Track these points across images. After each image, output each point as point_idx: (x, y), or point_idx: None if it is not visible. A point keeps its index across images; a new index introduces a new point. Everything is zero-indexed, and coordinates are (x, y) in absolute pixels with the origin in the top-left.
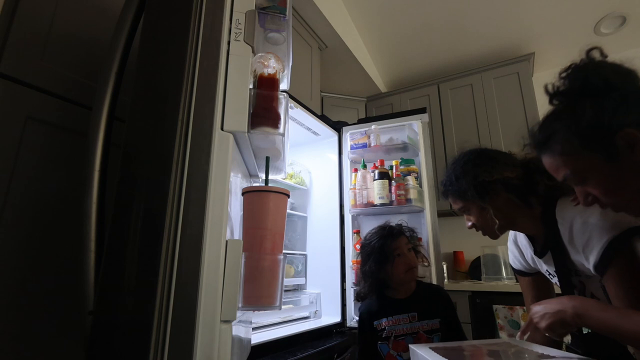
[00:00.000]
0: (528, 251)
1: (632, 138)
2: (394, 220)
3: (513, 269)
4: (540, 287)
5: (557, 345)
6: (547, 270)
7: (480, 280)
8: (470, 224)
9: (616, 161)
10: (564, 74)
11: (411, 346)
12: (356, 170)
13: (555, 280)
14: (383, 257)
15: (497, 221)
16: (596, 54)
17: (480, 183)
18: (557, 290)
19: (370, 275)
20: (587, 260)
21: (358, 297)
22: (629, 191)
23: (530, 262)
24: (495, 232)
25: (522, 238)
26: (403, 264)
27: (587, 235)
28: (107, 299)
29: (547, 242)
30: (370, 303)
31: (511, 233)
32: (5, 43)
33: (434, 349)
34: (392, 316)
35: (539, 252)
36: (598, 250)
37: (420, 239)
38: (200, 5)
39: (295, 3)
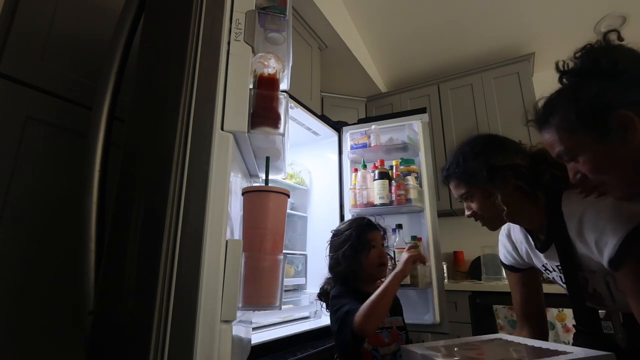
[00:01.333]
0: (523, 245)
1: (626, 120)
2: (396, 221)
3: (503, 264)
4: (530, 284)
5: (545, 339)
6: (544, 265)
7: (480, 280)
8: (470, 212)
9: (607, 141)
10: (578, 54)
11: (404, 347)
12: (356, 170)
13: (553, 275)
14: (359, 245)
15: (505, 208)
16: (613, 37)
17: (491, 167)
18: (550, 288)
19: (343, 262)
20: (601, 254)
21: (323, 293)
22: (615, 171)
23: (524, 256)
24: (496, 222)
25: (517, 232)
26: (377, 257)
27: (599, 229)
28: (107, 299)
29: (550, 235)
30: (344, 290)
31: (504, 227)
32: (5, 43)
33: (431, 348)
34: None
35: (540, 247)
36: (614, 244)
37: (420, 239)
38: (200, 5)
39: (295, 3)
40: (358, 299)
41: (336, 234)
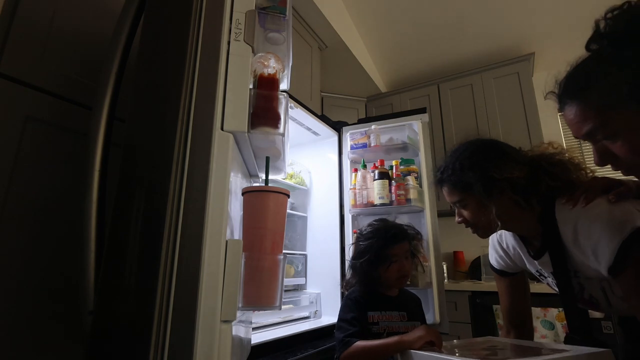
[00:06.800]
0: (517, 251)
1: None
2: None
3: (493, 268)
4: (518, 288)
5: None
6: (538, 271)
7: (480, 280)
8: (461, 219)
9: None
10: (610, 14)
11: (413, 352)
12: (356, 170)
13: (547, 281)
14: (378, 260)
15: (499, 222)
16: None
17: (488, 179)
18: (540, 288)
19: (360, 270)
20: (598, 262)
21: (347, 286)
22: None
23: (517, 261)
24: (488, 231)
25: (509, 237)
26: (396, 271)
27: (595, 236)
28: (107, 299)
29: (545, 243)
30: (361, 291)
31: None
32: (5, 43)
33: (444, 351)
34: (384, 311)
35: (534, 254)
36: (611, 251)
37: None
38: (200, 5)
39: (295, 3)
40: (374, 301)
41: (359, 238)
